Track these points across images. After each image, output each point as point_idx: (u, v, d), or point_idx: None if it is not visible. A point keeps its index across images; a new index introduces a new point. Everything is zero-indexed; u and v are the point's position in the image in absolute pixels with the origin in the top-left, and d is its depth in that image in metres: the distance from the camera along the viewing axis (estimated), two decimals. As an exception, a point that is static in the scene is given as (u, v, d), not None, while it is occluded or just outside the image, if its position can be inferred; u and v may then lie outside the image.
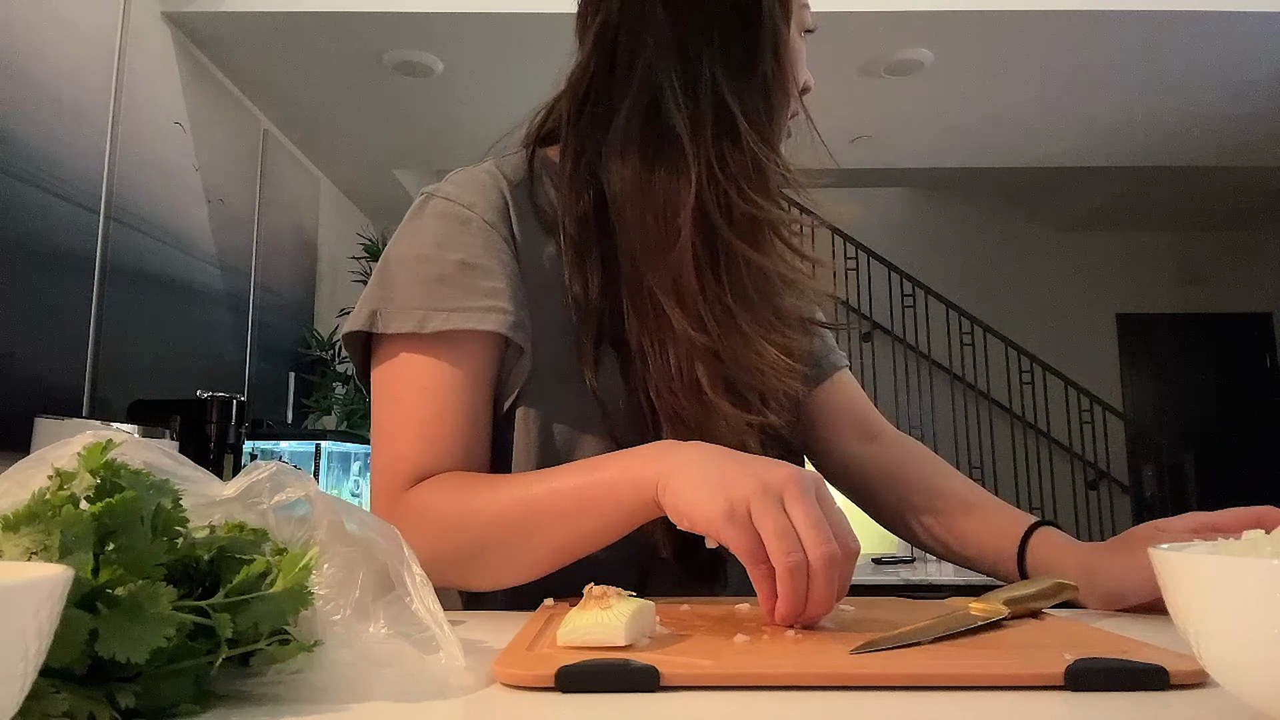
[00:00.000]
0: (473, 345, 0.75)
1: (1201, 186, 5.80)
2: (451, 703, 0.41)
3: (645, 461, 0.65)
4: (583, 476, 0.67)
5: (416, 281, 0.76)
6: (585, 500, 0.66)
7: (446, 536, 0.69)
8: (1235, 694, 0.35)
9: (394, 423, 0.75)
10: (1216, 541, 0.42)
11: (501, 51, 3.38)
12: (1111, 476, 6.37)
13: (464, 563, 0.70)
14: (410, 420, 0.74)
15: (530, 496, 0.68)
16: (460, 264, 0.76)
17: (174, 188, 3.14)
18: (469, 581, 0.72)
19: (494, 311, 0.75)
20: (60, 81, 2.50)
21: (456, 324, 0.74)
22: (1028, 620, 0.59)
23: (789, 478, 0.57)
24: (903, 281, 6.30)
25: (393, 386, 0.76)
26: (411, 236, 0.79)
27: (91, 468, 0.40)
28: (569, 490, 0.67)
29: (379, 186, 4.88)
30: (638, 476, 0.64)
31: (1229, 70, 3.62)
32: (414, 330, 0.74)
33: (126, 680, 0.36)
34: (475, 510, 0.69)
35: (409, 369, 0.75)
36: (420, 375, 0.75)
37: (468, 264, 0.76)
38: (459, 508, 0.70)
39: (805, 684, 0.43)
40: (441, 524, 0.70)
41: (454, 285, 0.75)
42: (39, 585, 0.28)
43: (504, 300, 0.75)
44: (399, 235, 0.80)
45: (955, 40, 3.39)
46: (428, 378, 0.75)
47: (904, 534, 0.91)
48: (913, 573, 2.90)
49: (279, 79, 3.65)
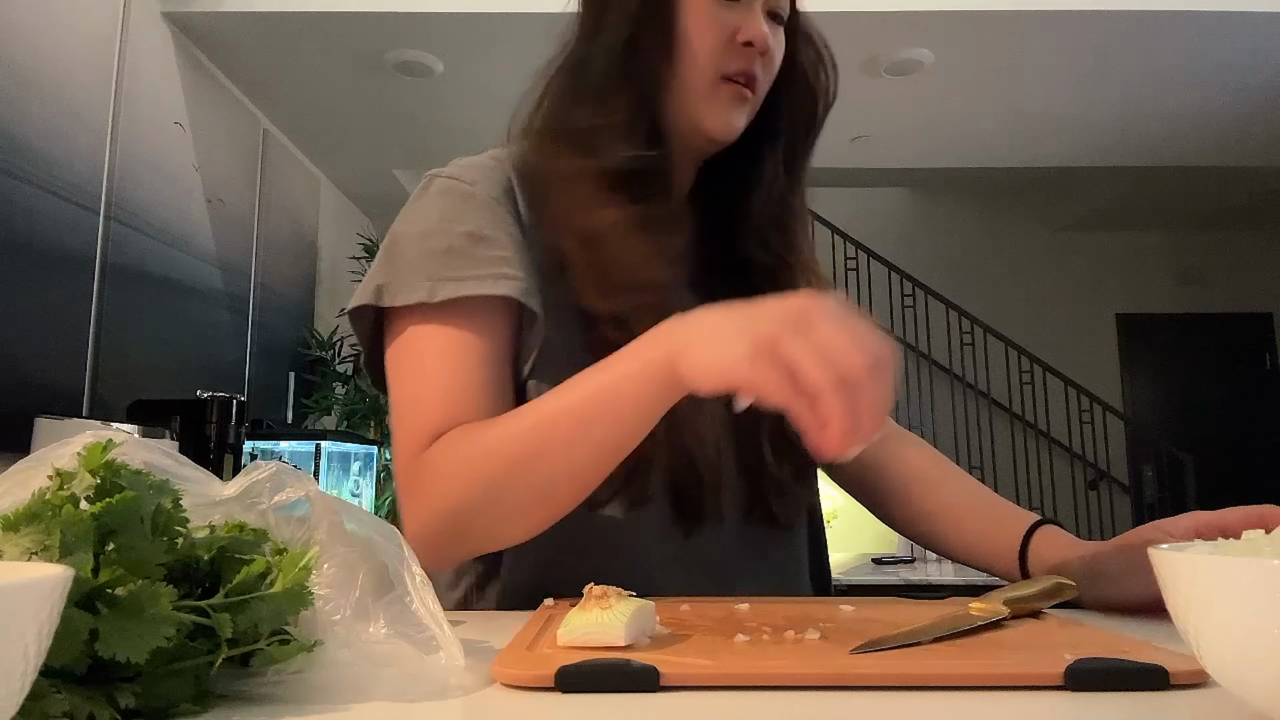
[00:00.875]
0: (486, 312, 0.74)
1: (1201, 186, 5.79)
2: (451, 703, 0.41)
3: (650, 344, 0.62)
4: (586, 385, 0.64)
5: (424, 254, 0.75)
6: (593, 411, 0.63)
7: (464, 484, 0.67)
8: (1235, 694, 0.35)
9: (412, 392, 0.73)
10: (1216, 541, 0.42)
11: (501, 51, 3.38)
12: (1111, 476, 6.37)
13: (488, 508, 0.67)
14: (430, 386, 0.72)
15: (537, 421, 0.65)
16: (468, 235, 0.75)
17: (174, 188, 3.14)
18: (501, 531, 0.69)
19: (504, 278, 0.73)
20: (60, 81, 2.50)
21: (467, 290, 0.72)
22: (1028, 620, 0.59)
23: (805, 303, 0.55)
24: (903, 281, 6.30)
25: (409, 357, 0.74)
26: (417, 214, 0.79)
27: (91, 468, 0.40)
28: (574, 405, 0.64)
29: (379, 186, 4.88)
30: (645, 362, 0.61)
31: (1229, 70, 3.62)
32: (423, 300, 0.72)
33: (126, 680, 0.36)
34: (488, 450, 0.67)
35: (424, 339, 0.73)
36: (435, 344, 0.73)
37: (475, 235, 0.75)
38: (472, 450, 0.67)
39: (805, 684, 0.43)
40: (458, 472, 0.67)
41: (462, 255, 0.74)
42: (39, 585, 0.28)
43: (513, 268, 0.74)
44: (404, 214, 0.80)
45: (955, 40, 3.39)
46: (443, 345, 0.73)
47: (907, 531, 0.91)
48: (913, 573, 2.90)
49: (279, 79, 3.65)
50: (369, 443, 4.03)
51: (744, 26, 0.78)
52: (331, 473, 3.64)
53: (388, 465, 4.35)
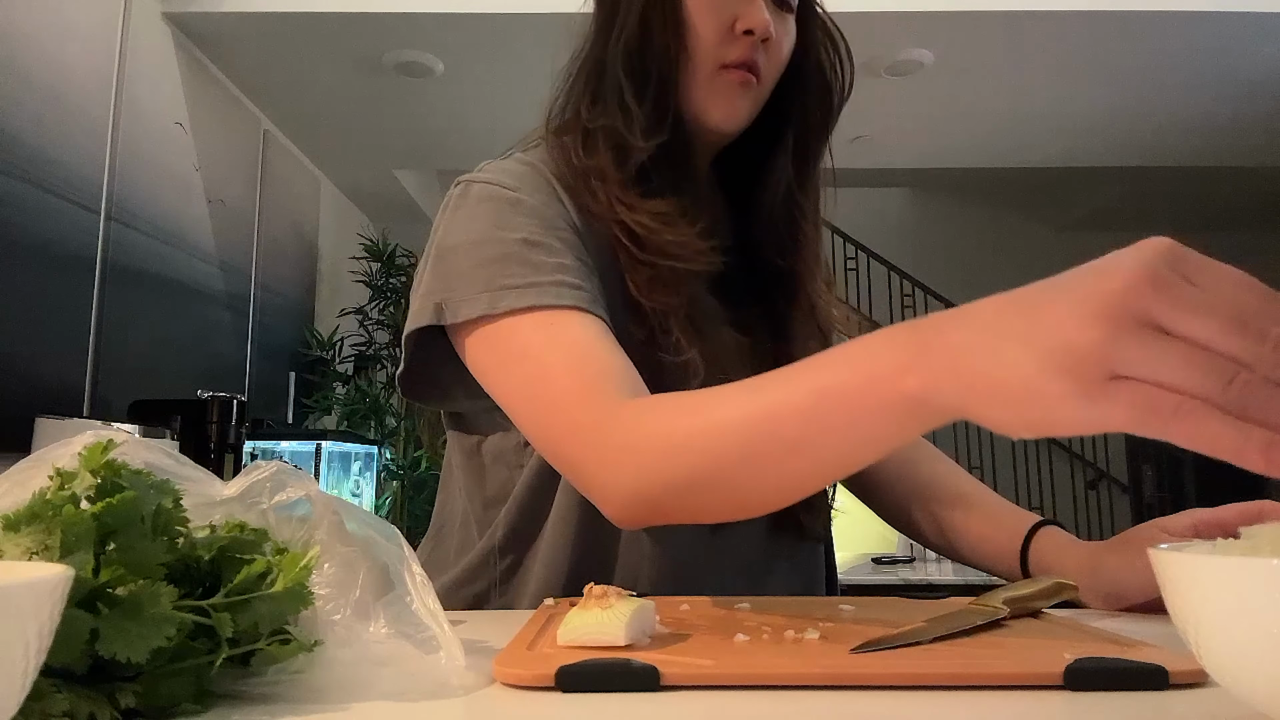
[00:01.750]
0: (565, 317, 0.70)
1: (1201, 186, 5.80)
2: (452, 702, 0.41)
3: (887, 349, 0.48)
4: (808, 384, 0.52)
5: (479, 264, 0.71)
6: (813, 423, 0.51)
7: (651, 470, 0.60)
8: (1235, 694, 0.35)
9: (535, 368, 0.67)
10: (1216, 541, 0.42)
11: (501, 51, 3.39)
12: (1111, 476, 6.37)
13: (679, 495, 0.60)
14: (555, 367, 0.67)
15: (747, 419, 0.55)
16: (523, 241, 0.71)
17: (174, 188, 3.14)
18: (693, 516, 0.63)
19: (566, 286, 0.69)
20: (60, 81, 2.50)
21: (531, 301, 0.68)
22: (1027, 620, 0.59)
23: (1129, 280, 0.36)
24: (902, 282, 6.30)
25: (508, 353, 0.69)
26: (463, 224, 0.75)
27: (92, 467, 0.40)
28: (792, 411, 0.52)
29: (379, 186, 4.88)
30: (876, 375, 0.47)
31: (1229, 70, 3.62)
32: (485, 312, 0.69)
33: (127, 680, 0.36)
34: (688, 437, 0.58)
35: (517, 336, 0.69)
36: (530, 340, 0.68)
37: (530, 241, 0.71)
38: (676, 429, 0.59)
39: (805, 684, 0.43)
40: (651, 451, 0.60)
41: (521, 263, 0.70)
42: (40, 585, 0.28)
43: (574, 275, 0.71)
44: (447, 227, 0.76)
45: (955, 40, 3.39)
46: (542, 338, 0.68)
47: (908, 531, 0.91)
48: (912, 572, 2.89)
49: (279, 79, 3.65)
50: (369, 443, 4.04)
51: (744, 14, 0.77)
52: (332, 472, 3.64)
53: (388, 465, 4.36)
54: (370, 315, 4.71)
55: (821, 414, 0.51)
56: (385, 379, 4.66)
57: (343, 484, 3.76)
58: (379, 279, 4.71)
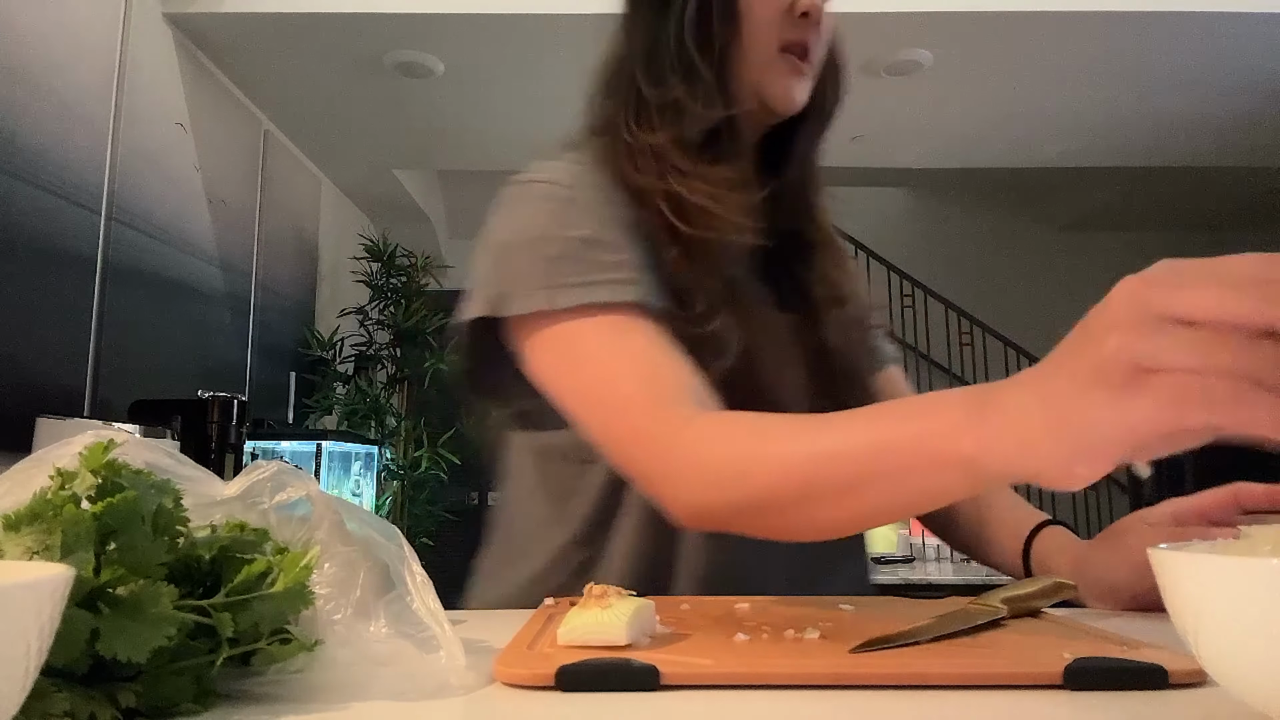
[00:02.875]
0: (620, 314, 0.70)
1: (1201, 186, 5.79)
2: (452, 702, 0.41)
3: (946, 408, 0.50)
4: (870, 432, 0.54)
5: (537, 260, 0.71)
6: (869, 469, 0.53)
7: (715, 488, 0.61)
8: (1235, 694, 0.35)
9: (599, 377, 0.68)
10: (1215, 541, 0.42)
11: (501, 52, 3.38)
12: (1110, 476, 6.37)
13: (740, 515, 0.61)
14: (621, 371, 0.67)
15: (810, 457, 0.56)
16: (582, 240, 0.72)
17: (175, 188, 3.14)
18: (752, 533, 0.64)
19: (624, 283, 0.70)
20: (61, 81, 2.50)
21: (590, 297, 0.68)
22: (1027, 619, 0.59)
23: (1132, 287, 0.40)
24: (902, 282, 6.30)
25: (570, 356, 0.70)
26: (523, 220, 0.75)
27: (93, 467, 0.40)
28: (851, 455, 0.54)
29: (379, 186, 4.88)
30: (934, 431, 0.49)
31: (1229, 70, 3.62)
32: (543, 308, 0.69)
33: (128, 679, 0.36)
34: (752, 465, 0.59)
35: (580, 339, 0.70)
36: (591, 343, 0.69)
37: (590, 240, 0.72)
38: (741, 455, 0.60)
39: (805, 684, 0.43)
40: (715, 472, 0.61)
41: (578, 260, 0.70)
42: (40, 585, 0.28)
43: (631, 270, 0.71)
44: (504, 223, 0.76)
45: (954, 40, 3.39)
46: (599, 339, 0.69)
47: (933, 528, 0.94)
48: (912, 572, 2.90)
49: (280, 80, 3.65)
50: (370, 442, 4.04)
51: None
52: (332, 472, 3.64)
53: (388, 465, 4.36)
54: (370, 315, 4.71)
55: (878, 462, 0.52)
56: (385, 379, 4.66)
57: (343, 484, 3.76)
58: (379, 279, 4.71)
